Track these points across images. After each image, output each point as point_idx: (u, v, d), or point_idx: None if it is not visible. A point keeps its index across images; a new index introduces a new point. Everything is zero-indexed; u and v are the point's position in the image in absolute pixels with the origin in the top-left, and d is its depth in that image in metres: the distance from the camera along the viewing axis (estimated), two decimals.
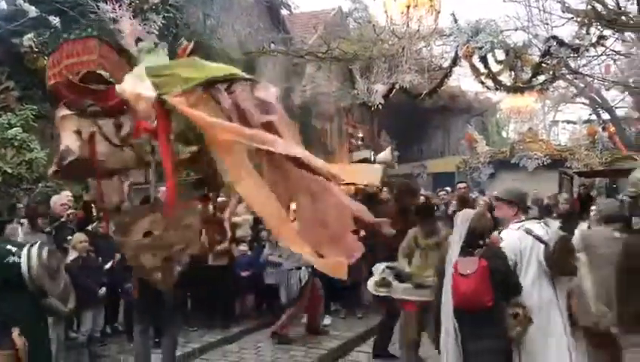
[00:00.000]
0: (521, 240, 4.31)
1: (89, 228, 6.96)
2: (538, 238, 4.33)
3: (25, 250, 4.33)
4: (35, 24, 8.05)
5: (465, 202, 8.01)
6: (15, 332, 4.06)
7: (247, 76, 3.95)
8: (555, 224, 4.71)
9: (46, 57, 8.09)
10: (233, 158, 3.42)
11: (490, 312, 3.87)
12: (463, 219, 4.14)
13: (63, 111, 4.40)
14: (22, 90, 9.35)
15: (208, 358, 6.48)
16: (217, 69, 4.03)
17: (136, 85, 3.74)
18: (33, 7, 7.80)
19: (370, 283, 5.82)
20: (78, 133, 4.23)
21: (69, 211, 6.82)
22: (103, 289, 6.36)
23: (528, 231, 4.36)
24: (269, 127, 3.64)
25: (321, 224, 3.74)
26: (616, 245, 4.82)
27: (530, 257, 4.31)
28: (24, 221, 6.19)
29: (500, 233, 4.49)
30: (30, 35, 7.81)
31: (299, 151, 3.39)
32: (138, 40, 9.18)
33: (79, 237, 6.34)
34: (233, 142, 3.34)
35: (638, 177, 4.97)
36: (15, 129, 7.93)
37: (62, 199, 6.89)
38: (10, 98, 9.14)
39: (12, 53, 8.34)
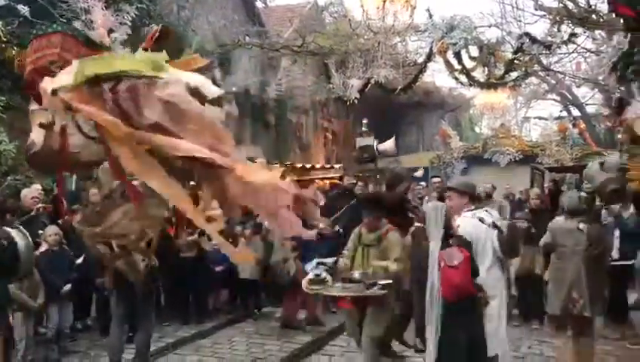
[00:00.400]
0: (475, 227, 4.56)
1: (59, 221, 6.83)
2: (494, 225, 4.65)
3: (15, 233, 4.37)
4: (3, 13, 7.84)
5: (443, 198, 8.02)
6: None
7: (143, 74, 3.86)
8: (495, 212, 5.11)
9: (14, 47, 7.92)
10: (129, 150, 3.63)
11: (473, 299, 4.04)
12: (438, 211, 4.20)
13: (33, 106, 4.41)
14: None
15: (182, 353, 6.43)
16: (121, 64, 3.96)
17: (53, 80, 3.83)
18: None
19: (304, 281, 5.45)
20: (45, 126, 4.18)
21: (39, 205, 6.68)
22: (68, 286, 6.22)
23: (481, 219, 4.64)
24: (157, 128, 3.67)
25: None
26: (581, 236, 5.12)
27: (486, 243, 4.59)
28: None
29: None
30: None
31: (189, 149, 3.55)
32: (110, 31, 9.03)
33: (51, 230, 6.22)
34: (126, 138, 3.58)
35: (591, 173, 5.22)
36: None
37: (32, 192, 6.76)
38: None
39: None
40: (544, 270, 6.23)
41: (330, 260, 5.54)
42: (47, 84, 3.81)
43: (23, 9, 7.69)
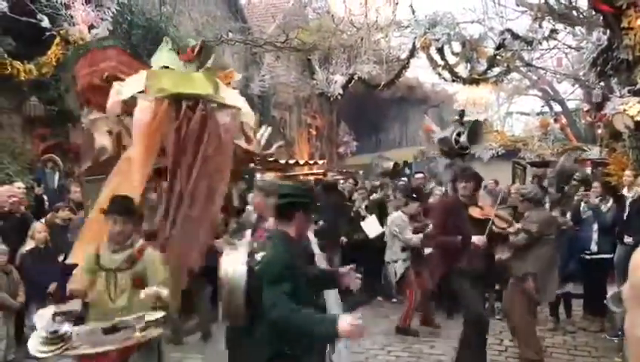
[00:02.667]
0: None
1: (42, 220, 6.77)
2: None
3: None
4: None
5: (419, 192, 8.02)
6: None
7: (216, 99, 4.40)
8: None
9: None
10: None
11: None
12: None
13: (95, 115, 4.97)
14: None
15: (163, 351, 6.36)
16: (201, 86, 4.43)
17: (126, 84, 4.33)
18: None
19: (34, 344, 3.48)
20: (110, 132, 4.71)
21: (12, 200, 6.49)
22: (54, 284, 6.15)
23: None
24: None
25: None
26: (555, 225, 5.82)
27: None
28: None
29: None
30: None
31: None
32: (91, 27, 8.99)
33: (39, 227, 6.15)
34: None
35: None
36: None
37: (9, 191, 6.62)
38: None
39: None
40: None
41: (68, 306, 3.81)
42: (117, 91, 4.29)
43: (2, 4, 7.60)
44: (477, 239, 5.06)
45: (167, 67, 4.60)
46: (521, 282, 5.36)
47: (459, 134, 9.26)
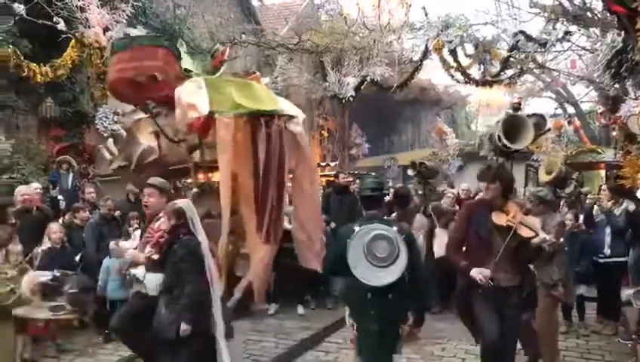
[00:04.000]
0: None
1: (60, 221, 6.85)
2: None
3: None
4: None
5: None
6: None
7: (290, 113, 4.83)
8: None
9: (10, 46, 7.93)
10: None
11: None
12: None
13: (139, 115, 5.32)
14: None
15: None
16: (268, 100, 4.82)
17: (192, 94, 4.48)
18: None
19: None
20: (156, 134, 5.08)
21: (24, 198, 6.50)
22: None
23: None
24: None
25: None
26: None
27: None
28: None
29: None
30: None
31: None
32: (106, 29, 9.07)
33: (54, 227, 6.21)
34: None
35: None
36: None
37: (23, 191, 6.64)
38: None
39: None
40: None
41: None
42: (192, 98, 4.44)
43: (19, 7, 7.70)
44: (477, 273, 4.17)
45: (190, 70, 4.78)
46: (550, 289, 5.39)
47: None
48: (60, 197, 8.30)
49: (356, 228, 3.96)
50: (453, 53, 12.55)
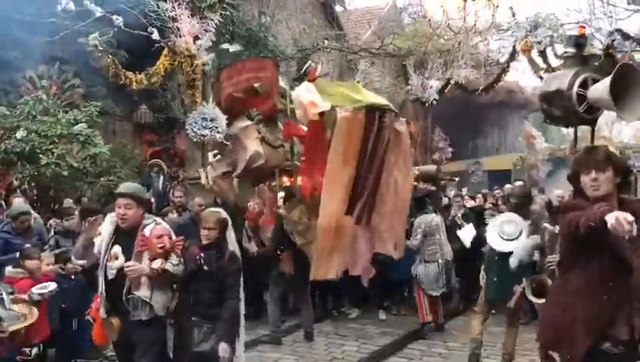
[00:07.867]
0: None
1: None
2: None
3: None
4: (99, 24, 8.34)
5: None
6: None
7: (392, 108, 5.29)
8: None
9: (109, 56, 8.42)
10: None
11: None
12: None
13: (245, 122, 5.99)
14: (87, 88, 9.75)
15: (261, 350, 6.52)
16: (373, 96, 5.35)
17: (310, 95, 5.00)
18: (98, 8, 8.06)
19: None
20: (262, 140, 5.68)
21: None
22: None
23: None
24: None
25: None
26: None
27: None
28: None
29: None
30: (95, 35, 8.08)
31: None
32: (196, 38, 9.43)
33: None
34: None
35: None
36: (80, 125, 8.26)
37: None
38: (75, 95, 9.55)
39: (78, 52, 8.68)
40: None
41: None
42: (310, 97, 5.00)
43: (118, 19, 8.14)
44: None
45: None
46: None
47: None
48: (152, 199, 8.70)
49: None
50: (542, 54, 12.07)
